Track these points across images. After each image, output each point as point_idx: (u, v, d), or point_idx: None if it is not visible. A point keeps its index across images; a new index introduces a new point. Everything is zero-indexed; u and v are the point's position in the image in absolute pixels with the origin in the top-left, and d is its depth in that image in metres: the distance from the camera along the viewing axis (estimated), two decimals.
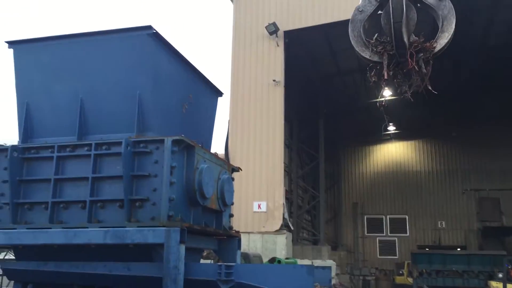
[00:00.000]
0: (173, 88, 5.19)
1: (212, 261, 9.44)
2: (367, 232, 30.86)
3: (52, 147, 4.70)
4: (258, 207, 15.35)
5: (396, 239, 30.15)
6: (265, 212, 15.48)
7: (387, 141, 31.55)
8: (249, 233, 14.98)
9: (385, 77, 5.92)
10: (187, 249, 4.19)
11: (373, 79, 6.20)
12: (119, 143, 4.44)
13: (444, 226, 29.63)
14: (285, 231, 15.32)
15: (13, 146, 4.72)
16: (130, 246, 4.24)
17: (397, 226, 30.37)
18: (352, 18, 6.31)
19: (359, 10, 6.33)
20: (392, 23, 5.85)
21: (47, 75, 5.05)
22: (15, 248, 4.88)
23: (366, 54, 6.07)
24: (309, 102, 24.26)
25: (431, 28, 6.14)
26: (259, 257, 11.65)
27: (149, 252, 4.33)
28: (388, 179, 31.11)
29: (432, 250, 23.71)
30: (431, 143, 31.17)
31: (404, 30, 5.78)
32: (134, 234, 4.16)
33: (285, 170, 17.58)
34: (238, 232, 5.71)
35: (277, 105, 16.41)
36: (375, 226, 30.79)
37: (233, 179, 5.65)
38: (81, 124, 4.82)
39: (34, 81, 5.09)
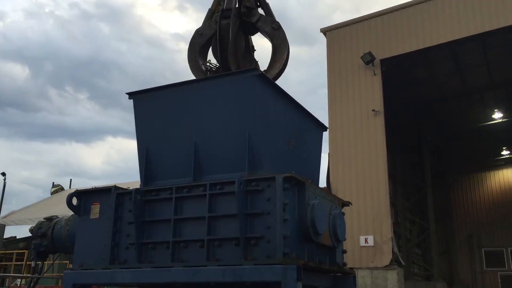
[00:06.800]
0: (280, 126, 5.28)
1: None
2: (486, 267, 28.27)
3: (171, 188, 4.96)
4: (365, 242, 14.80)
5: None
6: (373, 246, 14.87)
7: (501, 166, 29.15)
8: (357, 268, 14.44)
9: None
10: (304, 287, 4.13)
11: None
12: (232, 183, 4.57)
13: None
14: (395, 266, 14.56)
15: (136, 189, 5.06)
16: (247, 284, 4.28)
17: None
18: (192, 41, 6.23)
19: (198, 33, 6.25)
20: (219, 50, 5.85)
21: (163, 121, 5.41)
22: (140, 286, 5.16)
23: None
24: (410, 130, 23.35)
25: None
26: None
27: None
28: (507, 208, 28.48)
29: None
30: None
31: (230, 57, 5.76)
32: (252, 272, 4.18)
33: (390, 202, 16.88)
34: (352, 269, 5.53)
35: (378, 135, 15.98)
36: (495, 260, 28.11)
37: (343, 214, 5.54)
38: (196, 165, 5.04)
39: (152, 128, 5.47)
